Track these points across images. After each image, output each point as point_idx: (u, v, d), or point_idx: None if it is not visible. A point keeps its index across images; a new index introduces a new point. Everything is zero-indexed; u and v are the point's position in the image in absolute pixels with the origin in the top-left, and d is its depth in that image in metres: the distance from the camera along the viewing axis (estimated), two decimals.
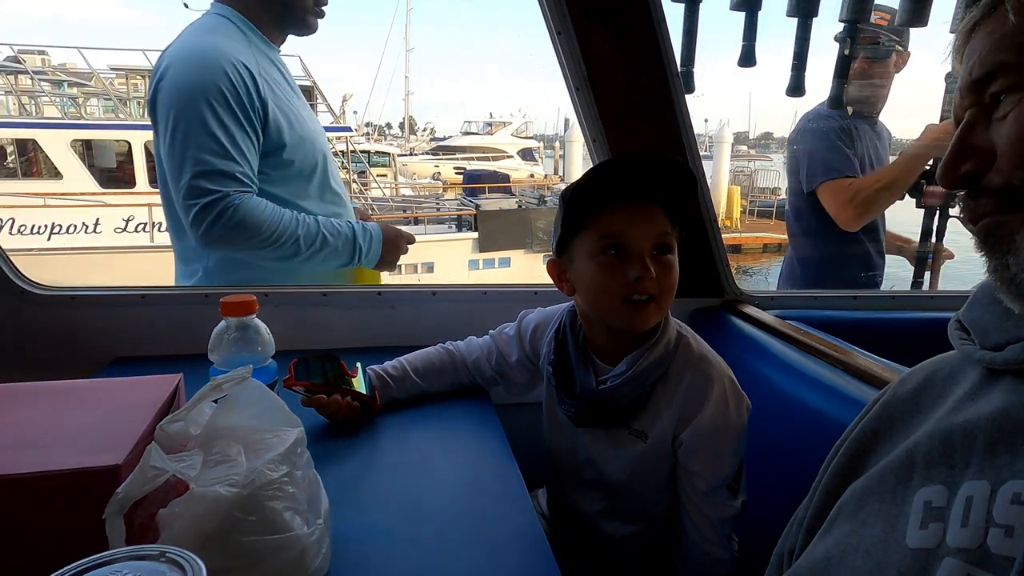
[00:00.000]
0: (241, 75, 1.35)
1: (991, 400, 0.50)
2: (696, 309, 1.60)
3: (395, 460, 1.04)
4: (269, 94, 1.40)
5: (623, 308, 1.00)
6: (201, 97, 1.32)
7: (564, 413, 1.10)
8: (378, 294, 1.51)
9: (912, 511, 0.49)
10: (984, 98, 0.51)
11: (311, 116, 1.57)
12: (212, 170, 1.31)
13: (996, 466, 0.47)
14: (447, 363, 1.25)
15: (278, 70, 1.51)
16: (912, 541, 0.48)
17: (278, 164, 1.44)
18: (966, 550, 0.45)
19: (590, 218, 1.01)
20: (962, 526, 0.46)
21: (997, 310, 0.54)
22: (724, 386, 1.02)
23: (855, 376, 1.09)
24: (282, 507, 0.68)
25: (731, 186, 18.57)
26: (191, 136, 1.32)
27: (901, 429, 0.57)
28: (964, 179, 0.51)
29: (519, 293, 1.56)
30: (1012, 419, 0.48)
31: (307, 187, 1.51)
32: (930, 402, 0.57)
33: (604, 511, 1.13)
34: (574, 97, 1.42)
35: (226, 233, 1.33)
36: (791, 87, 1.52)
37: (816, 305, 1.65)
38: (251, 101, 1.36)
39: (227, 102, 1.33)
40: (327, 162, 1.55)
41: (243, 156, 1.35)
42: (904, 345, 0.84)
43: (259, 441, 0.73)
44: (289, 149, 1.44)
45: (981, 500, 0.46)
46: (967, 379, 0.55)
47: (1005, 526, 0.44)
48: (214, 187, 1.31)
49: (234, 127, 1.34)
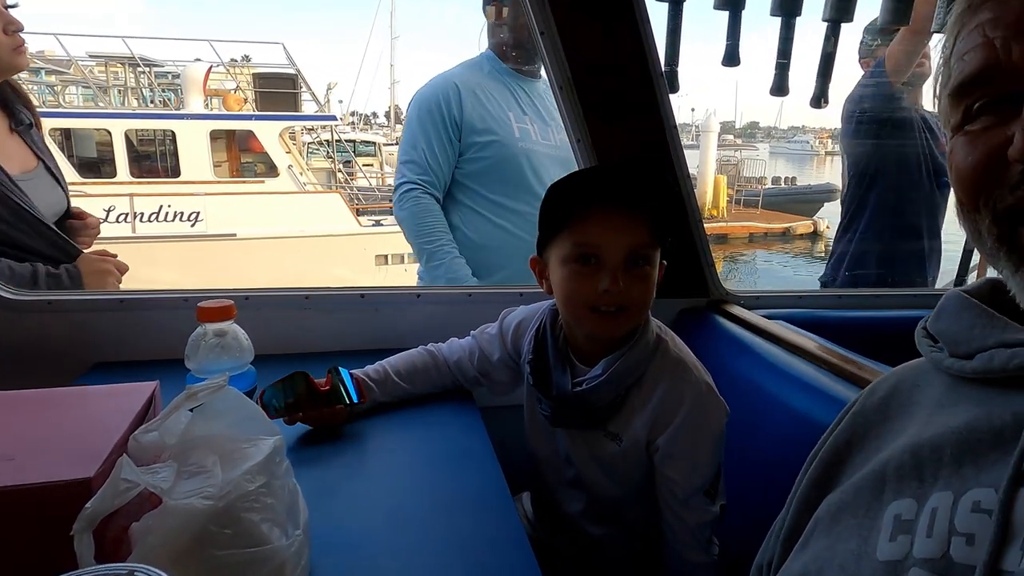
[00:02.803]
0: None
1: (958, 411, 0.51)
2: (682, 309, 1.60)
3: (377, 466, 1.03)
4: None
5: (590, 316, 1.00)
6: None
7: (541, 413, 1.10)
8: (361, 296, 1.50)
9: (883, 525, 0.50)
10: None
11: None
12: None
13: (961, 476, 0.47)
14: (430, 365, 1.24)
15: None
16: (882, 554, 0.48)
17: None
18: (931, 560, 0.45)
19: (566, 224, 1.00)
20: (927, 536, 0.46)
21: (965, 319, 0.54)
22: (700, 392, 1.02)
23: (840, 376, 1.09)
24: (259, 519, 0.67)
25: (718, 176, 18.63)
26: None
27: (872, 440, 0.57)
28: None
29: (504, 295, 1.55)
30: (977, 431, 0.48)
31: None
32: (898, 412, 0.57)
33: (584, 511, 1.13)
34: (558, 96, 1.41)
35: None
36: (775, 87, 1.51)
37: (802, 304, 1.66)
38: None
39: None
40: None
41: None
42: (889, 344, 0.83)
43: (236, 451, 0.72)
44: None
45: (944, 510, 0.46)
46: (934, 388, 0.55)
47: (966, 534, 0.44)
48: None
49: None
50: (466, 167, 1.84)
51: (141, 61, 11.49)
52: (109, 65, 11.62)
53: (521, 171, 1.83)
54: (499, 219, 1.85)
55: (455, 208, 1.88)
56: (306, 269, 8.22)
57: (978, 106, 0.48)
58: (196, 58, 11.14)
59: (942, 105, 0.53)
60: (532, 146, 1.85)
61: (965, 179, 0.49)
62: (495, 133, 1.82)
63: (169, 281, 6.77)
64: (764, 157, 30.95)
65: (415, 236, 1.86)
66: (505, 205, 1.85)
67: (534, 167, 1.85)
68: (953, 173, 0.50)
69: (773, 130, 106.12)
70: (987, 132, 0.47)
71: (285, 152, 10.44)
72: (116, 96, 11.32)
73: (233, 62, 12.39)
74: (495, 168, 1.83)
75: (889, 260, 2.19)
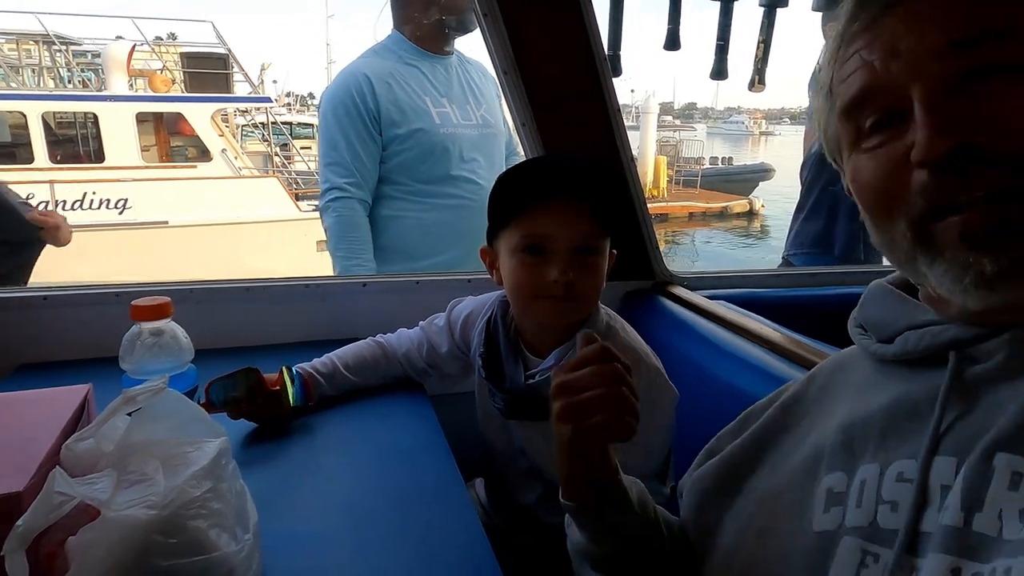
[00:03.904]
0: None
1: (884, 391, 0.54)
2: (628, 292, 1.62)
3: (327, 461, 1.01)
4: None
5: (538, 305, 1.01)
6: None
7: (495, 406, 1.10)
8: (305, 286, 1.46)
9: (817, 499, 0.53)
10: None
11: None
12: None
13: (886, 450, 0.51)
14: (379, 357, 1.22)
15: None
16: (818, 525, 0.52)
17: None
18: (860, 527, 0.49)
19: (515, 214, 1.00)
20: (857, 507, 0.50)
21: (885, 306, 0.58)
22: (651, 379, 1.03)
23: (782, 355, 1.12)
24: (207, 525, 0.65)
25: (658, 156, 18.95)
26: None
27: (807, 423, 0.61)
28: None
29: (452, 281, 1.54)
30: (899, 407, 0.52)
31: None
32: (834, 395, 0.60)
33: (541, 501, 1.14)
34: (502, 80, 1.39)
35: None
36: (714, 71, 1.55)
37: (745, 284, 1.70)
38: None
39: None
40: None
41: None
42: (830, 321, 0.86)
43: (179, 456, 0.69)
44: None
45: (872, 481, 0.50)
46: (864, 371, 0.59)
47: (891, 502, 0.48)
48: None
49: None
50: (390, 161, 1.79)
51: (57, 39, 10.80)
52: (21, 43, 10.88)
53: (447, 157, 1.80)
54: (431, 207, 1.81)
55: (385, 202, 1.83)
56: (244, 257, 7.95)
57: (870, 124, 0.51)
58: (118, 36, 10.54)
59: (831, 132, 0.56)
60: (454, 130, 1.81)
61: (876, 193, 0.51)
62: (415, 123, 1.76)
63: (97, 274, 6.44)
64: (702, 138, 31.62)
65: (335, 247, 1.83)
66: (436, 192, 1.81)
67: (460, 151, 1.82)
68: (860, 190, 0.53)
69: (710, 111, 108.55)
70: (885, 146, 0.50)
71: (218, 135, 10.02)
72: (30, 76, 10.62)
73: (158, 40, 11.79)
74: (420, 158, 1.78)
75: (837, 237, 2.26)
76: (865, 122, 0.51)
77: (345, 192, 1.77)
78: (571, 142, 1.47)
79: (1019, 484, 0.42)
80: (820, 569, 0.49)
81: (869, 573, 0.47)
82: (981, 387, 0.48)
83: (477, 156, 1.86)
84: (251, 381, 1.04)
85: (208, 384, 1.02)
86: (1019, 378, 0.46)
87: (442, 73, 1.86)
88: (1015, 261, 0.44)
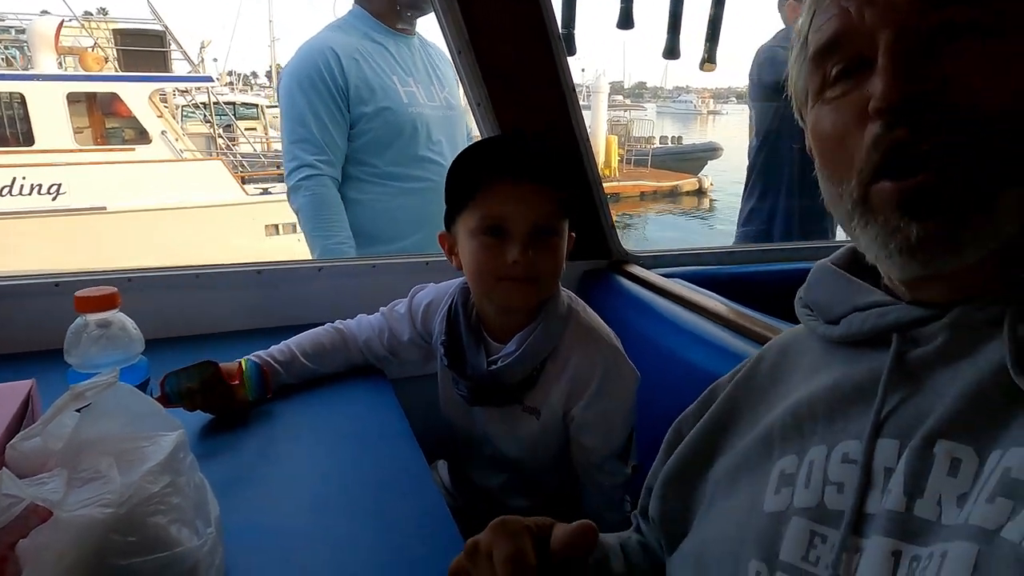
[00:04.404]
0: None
1: (830, 372, 0.55)
2: (585, 271, 1.63)
3: (288, 450, 0.99)
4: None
5: (499, 287, 1.00)
6: None
7: (458, 393, 1.09)
8: (257, 272, 1.41)
9: (770, 480, 0.54)
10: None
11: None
12: None
13: (833, 431, 0.52)
14: (338, 344, 1.20)
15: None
16: (768, 506, 0.53)
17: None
18: (808, 508, 0.50)
19: (472, 197, 0.99)
20: (805, 488, 0.51)
21: (830, 288, 0.58)
22: (613, 360, 1.05)
23: (737, 332, 1.14)
24: (167, 521, 0.63)
25: (609, 136, 19.05)
26: None
27: (760, 403, 0.61)
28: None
29: (410, 264, 1.52)
30: (844, 388, 0.53)
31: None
32: (784, 376, 0.61)
33: (504, 485, 1.15)
34: (456, 60, 1.37)
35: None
36: (667, 50, 1.55)
37: (700, 262, 1.73)
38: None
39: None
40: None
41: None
42: (783, 296, 0.88)
43: (134, 451, 0.67)
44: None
45: (820, 462, 0.51)
46: (813, 352, 0.59)
47: (837, 483, 0.49)
48: None
49: None
50: (357, 140, 1.75)
51: None
52: None
53: (415, 137, 1.77)
54: (399, 190, 1.78)
55: (350, 184, 1.79)
56: (190, 243, 7.68)
57: (835, 72, 0.50)
58: (43, 11, 9.95)
59: (800, 84, 0.55)
60: (421, 110, 1.79)
61: (831, 143, 0.50)
62: (383, 101, 1.73)
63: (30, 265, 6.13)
64: (652, 117, 31.92)
65: (313, 228, 1.76)
66: (402, 174, 1.78)
67: (428, 131, 1.80)
68: (818, 142, 0.52)
69: (660, 90, 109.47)
70: (847, 96, 0.49)
71: (157, 116, 9.61)
72: None
73: (88, 16, 11.19)
74: (388, 138, 1.75)
75: (793, 215, 2.32)
76: (832, 70, 0.50)
77: (317, 170, 1.71)
78: (526, 122, 1.46)
79: (957, 470, 0.43)
80: (772, 549, 0.50)
81: (817, 553, 0.48)
82: (922, 371, 0.49)
83: (442, 138, 1.83)
84: (206, 374, 1.00)
85: (163, 377, 0.99)
86: (957, 363, 0.47)
87: (407, 52, 1.83)
88: (940, 229, 0.44)
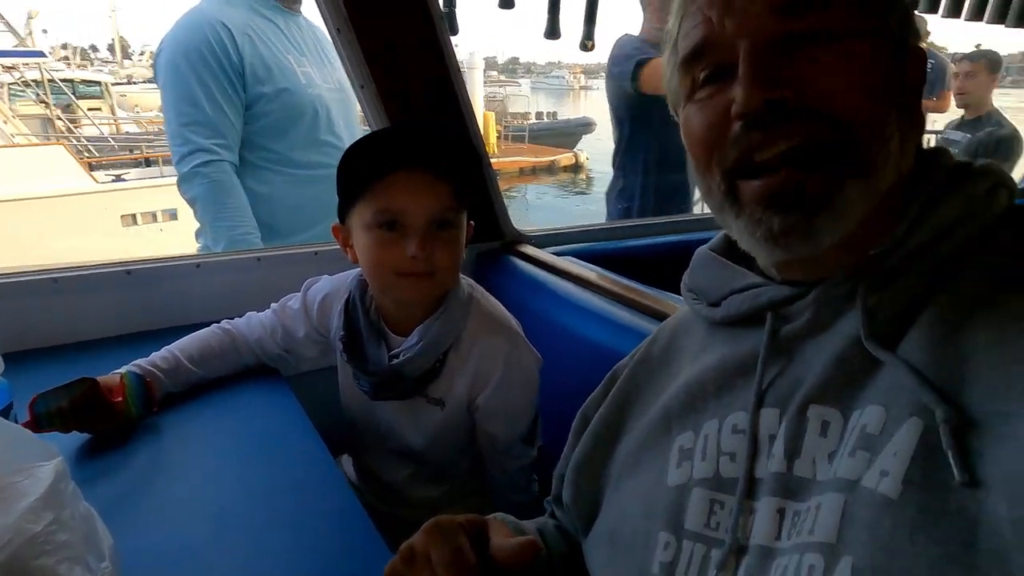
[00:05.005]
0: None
1: (716, 351, 0.60)
2: (479, 253, 1.63)
3: (182, 463, 0.93)
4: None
5: (398, 282, 0.99)
6: None
7: (360, 388, 1.07)
8: (127, 272, 1.29)
9: (671, 456, 0.58)
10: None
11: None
12: None
13: (722, 405, 0.57)
14: (227, 346, 1.13)
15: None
16: (671, 480, 0.57)
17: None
18: (707, 479, 0.55)
19: (366, 189, 0.96)
20: (702, 460, 0.55)
21: (709, 273, 0.64)
22: (515, 347, 1.05)
23: (627, 305, 1.19)
24: (54, 562, 0.57)
25: (487, 112, 19.06)
26: None
27: (656, 384, 0.66)
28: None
29: (298, 255, 1.46)
30: (729, 365, 0.58)
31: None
32: (675, 356, 0.66)
33: (411, 477, 1.14)
34: (336, 39, 1.31)
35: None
36: (548, 30, 1.57)
37: (588, 238, 1.77)
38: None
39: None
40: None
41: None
42: (666, 267, 0.93)
43: (7, 487, 0.60)
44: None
45: (713, 435, 0.56)
46: (700, 333, 0.64)
47: (729, 453, 0.54)
48: None
49: None
50: (254, 123, 1.63)
51: None
52: None
53: (315, 120, 1.68)
54: (300, 176, 1.69)
55: (248, 171, 1.66)
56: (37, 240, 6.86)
57: (703, 77, 0.55)
58: None
59: (673, 85, 0.59)
60: (319, 91, 1.70)
61: (699, 142, 0.55)
62: (281, 82, 1.62)
63: None
64: (527, 93, 32.26)
65: (215, 218, 1.62)
66: (304, 160, 1.68)
67: (328, 114, 1.71)
68: (688, 139, 0.57)
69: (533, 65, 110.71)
70: (713, 99, 0.54)
71: None
72: None
73: None
74: (287, 121, 1.65)
75: (658, 191, 2.44)
76: (700, 75, 0.54)
77: (214, 155, 1.57)
78: (412, 103, 1.43)
79: (827, 431, 0.48)
80: (678, 520, 0.54)
81: (717, 519, 0.53)
82: (794, 344, 0.54)
83: (340, 121, 1.75)
84: (81, 392, 0.91)
85: (32, 399, 0.89)
86: (822, 335, 0.52)
87: (296, 30, 1.72)
88: (798, 221, 0.50)
